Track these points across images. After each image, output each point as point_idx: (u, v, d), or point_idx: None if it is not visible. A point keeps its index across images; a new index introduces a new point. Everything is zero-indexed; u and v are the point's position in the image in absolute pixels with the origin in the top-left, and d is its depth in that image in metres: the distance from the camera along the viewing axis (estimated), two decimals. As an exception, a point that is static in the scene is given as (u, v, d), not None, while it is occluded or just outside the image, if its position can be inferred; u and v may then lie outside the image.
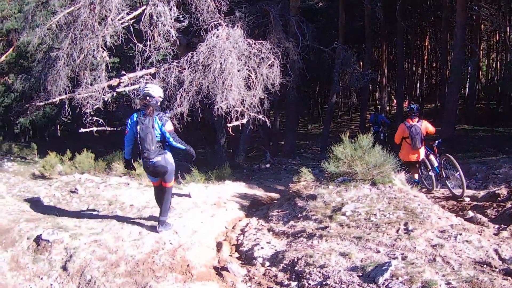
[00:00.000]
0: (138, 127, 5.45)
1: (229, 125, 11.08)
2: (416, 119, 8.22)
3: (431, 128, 8.36)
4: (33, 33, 11.10)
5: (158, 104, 5.70)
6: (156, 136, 5.49)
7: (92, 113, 10.38)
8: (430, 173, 8.28)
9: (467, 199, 7.40)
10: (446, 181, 8.01)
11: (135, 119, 5.57)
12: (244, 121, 11.18)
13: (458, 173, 7.57)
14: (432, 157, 8.34)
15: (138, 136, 5.47)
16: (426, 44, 34.46)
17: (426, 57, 36.25)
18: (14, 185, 9.12)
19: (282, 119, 23.06)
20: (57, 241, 5.11)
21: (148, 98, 5.52)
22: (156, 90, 5.64)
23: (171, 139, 5.57)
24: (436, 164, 8.25)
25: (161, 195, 5.91)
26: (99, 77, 10.33)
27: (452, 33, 21.52)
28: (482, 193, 7.76)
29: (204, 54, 10.53)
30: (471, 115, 24.51)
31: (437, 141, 8.52)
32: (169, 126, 5.57)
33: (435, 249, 4.59)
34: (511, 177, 9.85)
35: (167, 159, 5.66)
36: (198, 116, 10.86)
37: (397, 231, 5.17)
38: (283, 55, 12.83)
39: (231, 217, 7.30)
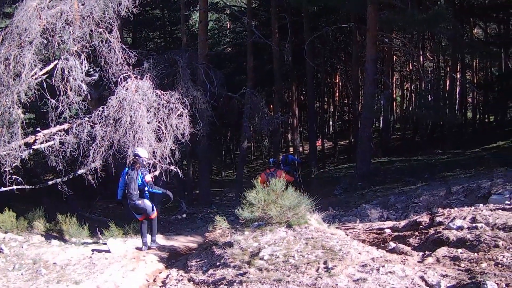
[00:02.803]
0: (127, 177, 8.66)
1: (142, 178, 11.98)
2: (273, 169, 12.40)
3: (285, 176, 11.35)
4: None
5: (144, 162, 8.96)
6: (138, 185, 8.64)
7: (11, 171, 10.74)
8: None
9: (388, 231, 7.88)
10: None
11: (126, 171, 8.81)
12: (157, 173, 11.78)
13: None
14: None
15: (126, 183, 8.67)
16: (337, 81, 36.99)
17: (337, 94, 38.60)
18: None
19: (196, 168, 23.99)
20: (-14, 300, 5.95)
21: (137, 157, 8.80)
22: (142, 152, 8.99)
23: (149, 187, 8.74)
24: None
25: (149, 225, 9.33)
26: (15, 134, 10.72)
27: (363, 68, 22.38)
28: (403, 223, 8.28)
29: (115, 108, 11.17)
30: (387, 147, 26.48)
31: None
32: (147, 178, 8.77)
33: (358, 284, 4.82)
34: (432, 204, 10.33)
35: (145, 203, 8.93)
36: (112, 171, 11.51)
37: (317, 270, 5.39)
38: (191, 104, 13.96)
39: (151, 269, 7.96)
